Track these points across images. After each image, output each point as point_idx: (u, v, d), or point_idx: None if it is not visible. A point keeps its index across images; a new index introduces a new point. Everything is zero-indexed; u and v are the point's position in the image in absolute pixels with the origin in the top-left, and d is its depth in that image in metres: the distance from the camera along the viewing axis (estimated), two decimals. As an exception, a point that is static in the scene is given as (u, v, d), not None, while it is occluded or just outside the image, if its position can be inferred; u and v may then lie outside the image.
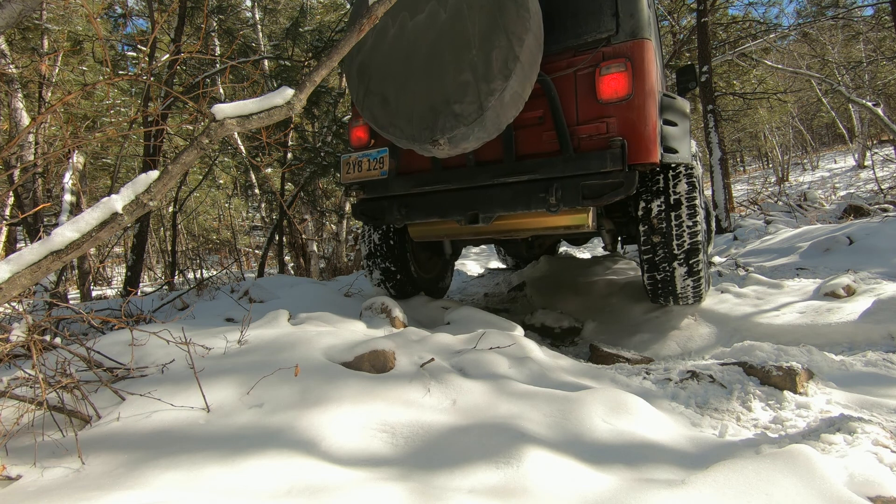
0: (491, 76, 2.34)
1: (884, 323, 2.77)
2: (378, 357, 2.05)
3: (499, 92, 2.34)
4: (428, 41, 2.48)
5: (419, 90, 2.49)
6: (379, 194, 3.09)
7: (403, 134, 2.56)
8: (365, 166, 3.06)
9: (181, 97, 2.03)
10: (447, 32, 2.44)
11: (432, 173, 2.95)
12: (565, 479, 1.34)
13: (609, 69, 2.57)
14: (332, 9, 12.35)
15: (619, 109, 2.57)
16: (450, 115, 2.41)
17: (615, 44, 2.62)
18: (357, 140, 3.25)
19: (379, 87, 2.60)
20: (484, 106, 2.36)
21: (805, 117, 23.69)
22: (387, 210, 3.09)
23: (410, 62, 2.51)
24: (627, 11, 2.58)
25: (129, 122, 6.91)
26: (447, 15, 2.45)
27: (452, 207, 2.92)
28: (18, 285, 1.44)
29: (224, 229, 12.92)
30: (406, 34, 2.54)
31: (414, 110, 2.50)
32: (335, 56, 1.76)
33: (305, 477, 1.33)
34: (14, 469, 1.39)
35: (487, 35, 2.35)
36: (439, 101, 2.44)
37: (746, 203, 12.30)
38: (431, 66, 2.46)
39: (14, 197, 6.53)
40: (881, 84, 16.37)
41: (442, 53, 2.44)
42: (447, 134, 2.42)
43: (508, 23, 2.32)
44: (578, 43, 2.69)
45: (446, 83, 2.42)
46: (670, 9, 13.31)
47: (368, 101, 2.65)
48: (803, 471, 1.28)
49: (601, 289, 4.11)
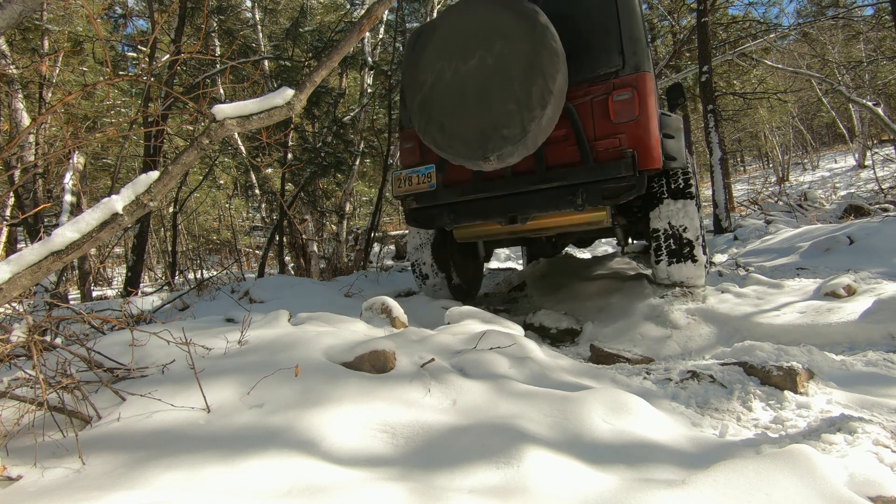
0: (532, 106, 2.95)
1: (884, 323, 2.76)
2: (378, 357, 2.05)
3: (538, 118, 2.95)
4: (478, 81, 3.11)
5: (472, 118, 3.10)
6: (429, 203, 3.67)
7: (459, 153, 3.15)
8: (414, 181, 3.64)
9: (181, 97, 2.03)
10: (494, 73, 3.06)
11: (475, 184, 3.53)
12: (565, 479, 1.34)
13: (620, 96, 3.21)
14: (332, 9, 12.36)
15: (628, 127, 3.21)
16: (499, 137, 3.01)
17: (622, 76, 3.24)
18: (407, 159, 3.87)
19: (438, 117, 3.21)
20: (526, 129, 2.96)
21: (805, 117, 23.69)
22: (437, 216, 3.67)
23: (464, 97, 3.14)
24: (631, 50, 3.22)
25: (129, 123, 6.91)
26: (493, 60, 3.07)
27: (494, 211, 3.49)
28: (19, 286, 1.44)
29: (224, 229, 12.93)
30: (459, 76, 3.16)
31: (468, 134, 3.10)
32: (335, 56, 1.76)
33: (306, 477, 1.33)
34: (14, 469, 1.39)
35: (527, 74, 2.97)
36: (489, 126, 3.04)
37: (747, 203, 12.30)
38: (482, 100, 3.08)
39: (14, 197, 6.53)
40: (881, 84, 16.37)
41: (490, 90, 3.06)
42: (497, 152, 3.02)
43: (544, 65, 2.95)
44: (593, 76, 3.31)
45: (495, 112, 3.03)
46: (670, 9, 13.32)
47: (430, 129, 3.24)
48: (804, 471, 1.28)
49: (601, 289, 4.11)
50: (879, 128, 16.92)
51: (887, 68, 16.10)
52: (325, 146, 6.90)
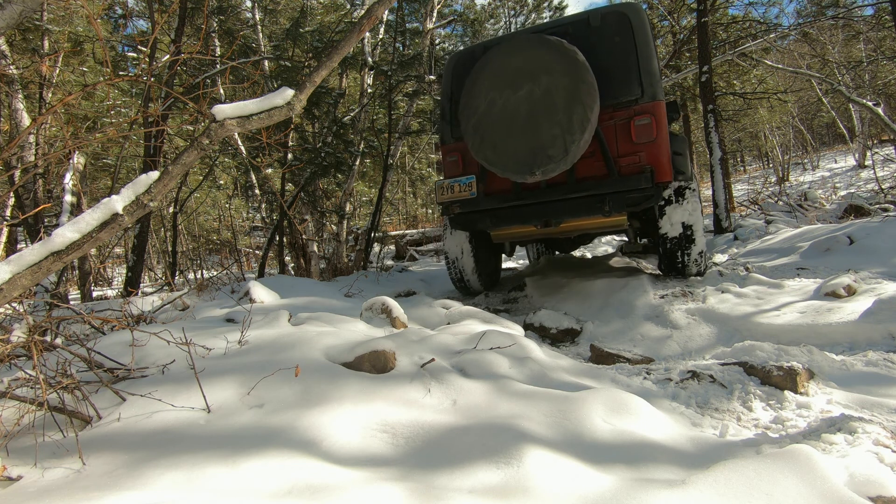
0: (573, 130, 3.48)
1: (884, 322, 2.76)
2: (378, 357, 2.05)
3: (578, 140, 3.47)
4: (526, 108, 3.64)
5: (521, 140, 3.63)
6: (472, 209, 4.16)
7: (508, 169, 3.69)
8: (456, 189, 4.15)
9: (181, 98, 2.03)
10: (540, 102, 3.59)
11: (515, 193, 4.03)
12: (566, 479, 1.34)
13: (640, 121, 3.75)
14: (332, 9, 12.35)
15: (647, 147, 3.75)
16: (544, 156, 3.55)
17: (642, 104, 3.78)
18: (450, 171, 4.40)
19: (490, 138, 3.74)
20: (568, 150, 3.49)
21: (805, 117, 23.69)
22: (478, 220, 4.16)
23: (513, 121, 3.67)
24: (648, 82, 3.79)
25: (129, 123, 6.91)
26: (540, 92, 3.60)
27: (531, 216, 4.00)
28: (19, 286, 1.44)
29: (224, 230, 12.92)
30: (509, 103, 3.69)
31: (519, 153, 3.63)
32: (335, 56, 1.76)
33: (306, 477, 1.33)
34: (15, 469, 1.39)
35: (569, 104, 3.50)
36: (537, 147, 3.57)
37: (747, 203, 12.29)
38: (529, 124, 3.61)
39: (15, 198, 6.53)
40: (881, 84, 16.36)
41: (538, 116, 3.60)
42: (542, 168, 3.56)
43: (582, 97, 3.47)
44: (616, 103, 3.82)
45: (542, 135, 3.56)
46: (670, 9, 13.31)
47: (483, 147, 3.77)
48: (804, 471, 1.28)
49: (601, 289, 4.11)
50: (879, 128, 16.93)
51: (887, 68, 16.09)
52: (325, 146, 6.90)
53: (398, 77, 8.17)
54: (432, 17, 9.34)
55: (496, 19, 17.09)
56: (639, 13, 3.87)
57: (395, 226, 19.22)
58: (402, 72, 8.16)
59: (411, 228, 16.82)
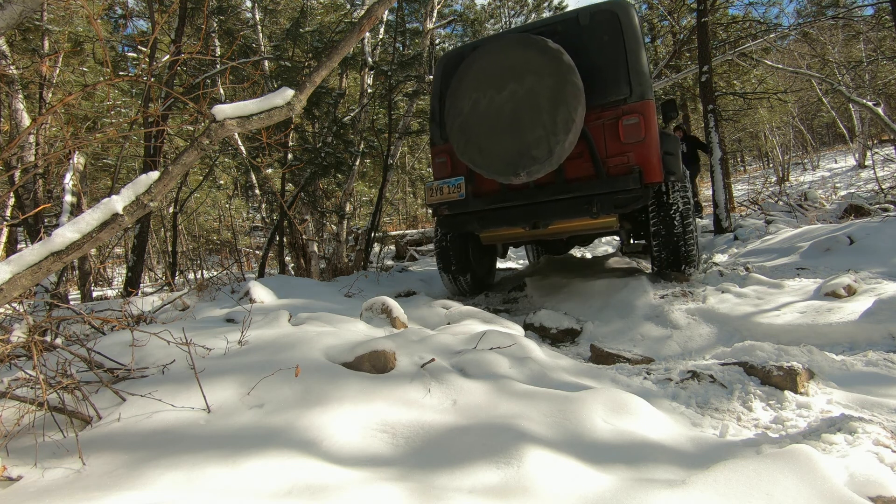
0: (557, 131, 3.39)
1: (884, 322, 2.76)
2: (378, 357, 2.05)
3: (562, 142, 3.39)
4: (510, 109, 3.55)
5: (505, 141, 3.54)
6: (461, 211, 4.08)
7: (494, 170, 3.60)
8: (445, 191, 4.07)
9: (181, 98, 2.03)
10: (524, 102, 3.50)
11: (502, 194, 3.95)
12: (566, 479, 1.34)
13: (628, 121, 3.64)
14: (332, 9, 12.35)
15: (635, 147, 3.64)
16: (529, 157, 3.47)
17: (630, 103, 3.67)
18: (439, 173, 4.34)
19: (476, 139, 3.66)
20: (552, 151, 3.41)
21: (805, 117, 23.68)
22: (466, 222, 4.08)
23: (498, 122, 3.58)
24: (637, 81, 3.67)
25: (129, 123, 6.91)
26: (524, 91, 3.51)
27: (519, 218, 3.90)
28: (19, 286, 1.44)
29: (224, 230, 12.93)
30: (493, 104, 3.61)
31: (503, 154, 3.54)
32: (335, 57, 1.76)
33: (306, 477, 1.33)
34: (15, 470, 1.39)
35: (553, 105, 3.41)
36: (521, 148, 3.49)
37: (747, 203, 12.27)
38: (514, 125, 3.52)
39: (15, 198, 6.52)
40: (881, 84, 16.35)
41: (522, 116, 3.51)
42: (527, 169, 3.48)
43: (567, 98, 3.38)
44: (604, 102, 3.72)
45: (526, 136, 3.48)
46: (670, 9, 13.31)
47: (468, 149, 3.69)
48: (804, 471, 1.28)
49: (601, 289, 4.11)
50: (879, 128, 16.92)
51: (887, 68, 16.08)
52: (325, 146, 6.90)
53: (398, 77, 8.17)
54: (432, 17, 9.33)
55: (496, 19, 17.09)
56: (628, 11, 3.76)
57: (395, 226, 19.22)
58: (402, 72, 8.16)
59: (411, 228, 16.81)
